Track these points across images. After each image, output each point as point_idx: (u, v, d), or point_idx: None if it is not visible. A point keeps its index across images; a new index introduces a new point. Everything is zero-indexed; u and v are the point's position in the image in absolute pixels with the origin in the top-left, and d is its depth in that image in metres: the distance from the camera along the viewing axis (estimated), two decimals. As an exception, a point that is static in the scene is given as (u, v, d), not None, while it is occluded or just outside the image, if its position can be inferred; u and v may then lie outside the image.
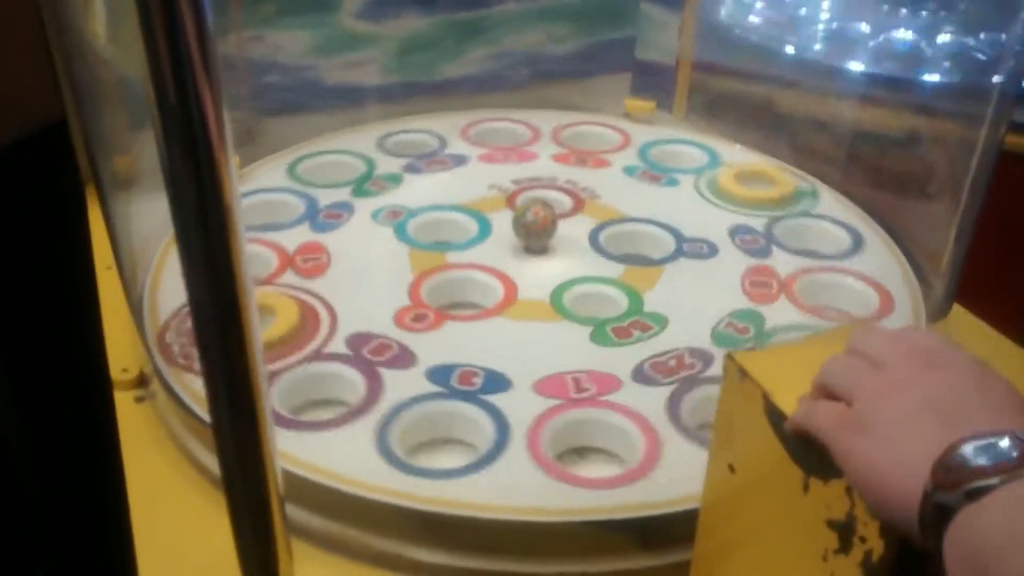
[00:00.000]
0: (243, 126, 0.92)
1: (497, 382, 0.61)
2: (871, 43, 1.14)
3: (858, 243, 0.79)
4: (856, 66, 1.08)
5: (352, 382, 0.61)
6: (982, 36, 0.93)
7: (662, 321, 0.68)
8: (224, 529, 0.40)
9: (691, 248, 0.78)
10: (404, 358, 0.63)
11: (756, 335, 0.66)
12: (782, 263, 0.76)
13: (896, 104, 0.94)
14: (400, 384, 0.60)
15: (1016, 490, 0.30)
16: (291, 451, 0.54)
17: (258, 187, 0.86)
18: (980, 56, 0.80)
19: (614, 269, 0.74)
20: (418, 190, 0.86)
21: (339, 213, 0.82)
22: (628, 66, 1.07)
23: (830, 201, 0.86)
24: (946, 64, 1.06)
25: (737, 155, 0.96)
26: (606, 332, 0.67)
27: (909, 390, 0.36)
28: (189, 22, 0.30)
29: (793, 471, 0.39)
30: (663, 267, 0.75)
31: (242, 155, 0.90)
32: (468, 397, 0.59)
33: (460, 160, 0.93)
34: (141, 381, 0.65)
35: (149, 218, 0.71)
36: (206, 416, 0.38)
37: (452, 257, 0.76)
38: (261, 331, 0.37)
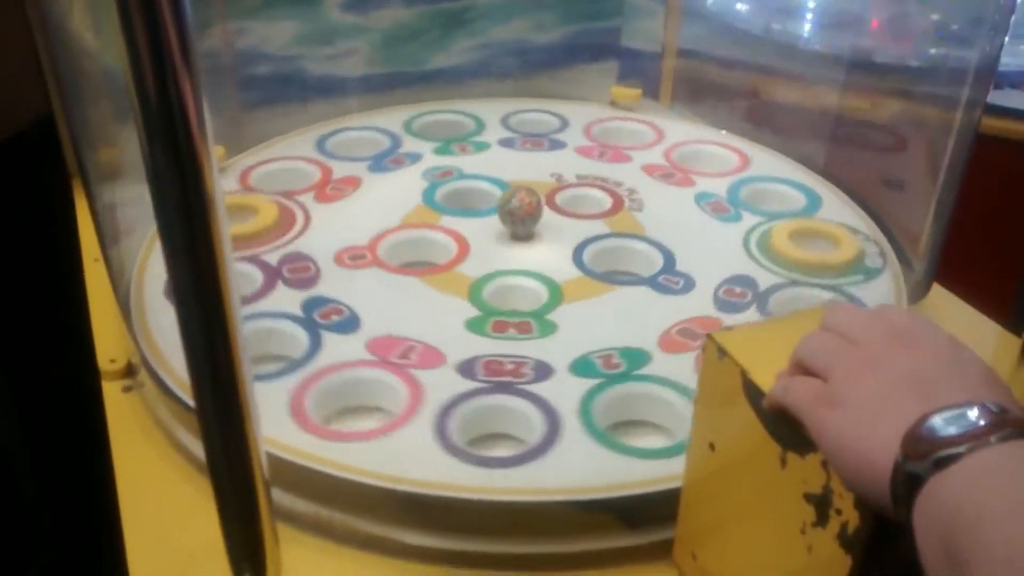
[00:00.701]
0: (229, 117, 0.92)
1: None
2: (856, 29, 1.15)
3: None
4: (841, 52, 1.09)
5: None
6: (960, 21, 0.93)
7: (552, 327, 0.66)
8: (212, 515, 0.41)
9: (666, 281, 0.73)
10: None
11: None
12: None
13: (877, 88, 0.94)
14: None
15: (982, 458, 0.31)
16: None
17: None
18: (959, 39, 0.81)
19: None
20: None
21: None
22: (614, 54, 1.07)
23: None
24: (930, 49, 1.06)
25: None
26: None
27: (883, 366, 0.36)
28: (168, 14, 0.30)
29: (771, 447, 0.40)
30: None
31: (228, 146, 0.90)
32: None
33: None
34: (129, 371, 0.65)
35: (134, 210, 0.72)
36: (193, 404, 0.39)
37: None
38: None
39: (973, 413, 0.32)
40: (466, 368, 0.61)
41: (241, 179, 0.86)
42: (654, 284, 0.71)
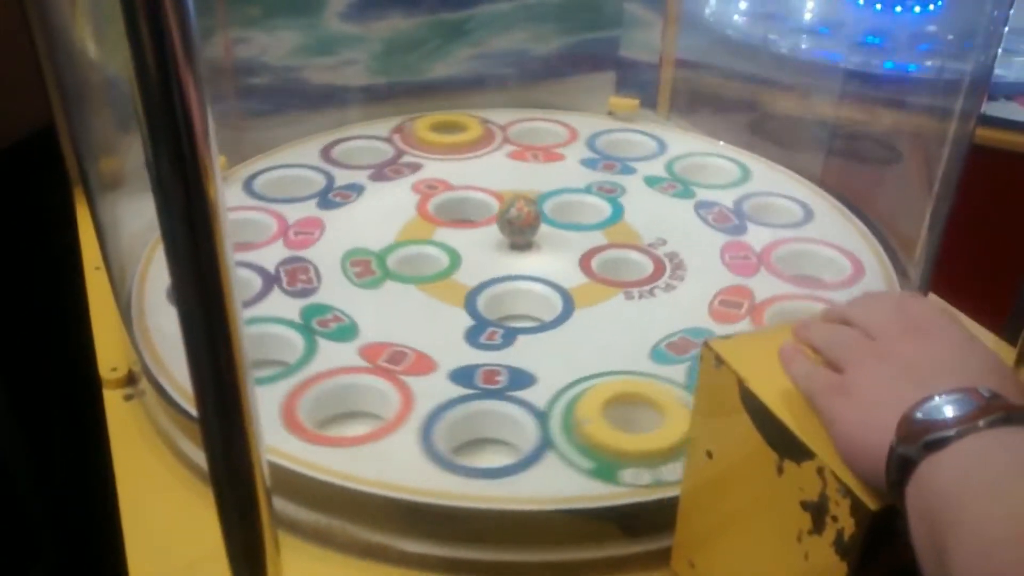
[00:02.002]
0: (229, 127, 0.93)
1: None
2: (851, 40, 1.16)
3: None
4: (838, 62, 1.10)
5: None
6: (954, 32, 0.94)
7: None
8: (213, 524, 0.41)
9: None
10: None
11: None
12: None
13: (874, 99, 0.95)
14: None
15: (969, 443, 0.32)
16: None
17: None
18: (954, 51, 0.81)
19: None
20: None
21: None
22: (612, 65, 1.07)
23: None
24: (927, 61, 1.07)
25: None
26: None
27: (893, 357, 0.38)
28: (173, 21, 0.30)
29: (768, 455, 0.40)
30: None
31: (229, 155, 0.90)
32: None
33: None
34: (130, 379, 0.65)
35: (136, 218, 0.72)
36: (194, 412, 0.39)
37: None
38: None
39: (965, 398, 0.33)
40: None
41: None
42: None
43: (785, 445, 0.39)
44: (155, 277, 0.72)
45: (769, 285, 0.73)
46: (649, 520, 0.52)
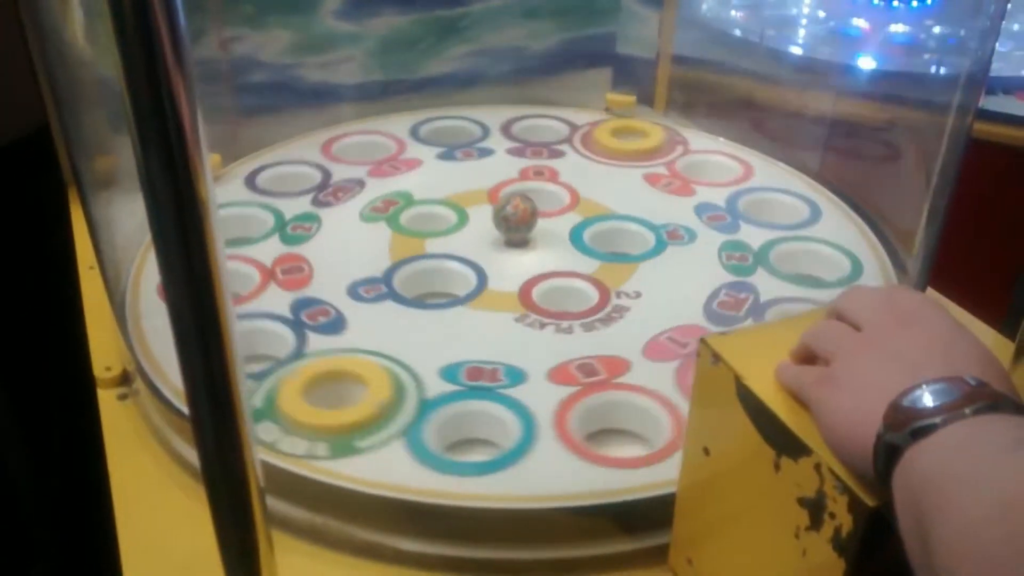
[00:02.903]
0: (224, 125, 0.92)
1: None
2: (848, 36, 1.16)
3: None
4: (834, 58, 1.09)
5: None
6: (951, 27, 0.94)
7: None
8: (207, 523, 0.41)
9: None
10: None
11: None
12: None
13: (871, 94, 0.95)
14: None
15: (954, 430, 0.32)
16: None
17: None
18: (952, 46, 0.81)
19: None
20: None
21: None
22: (609, 61, 1.07)
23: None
24: (925, 55, 1.07)
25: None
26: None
27: (881, 346, 0.38)
28: (162, 20, 0.30)
29: (765, 451, 0.40)
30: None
31: (224, 154, 0.90)
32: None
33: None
34: (124, 379, 0.65)
35: (130, 218, 0.72)
36: (187, 411, 0.39)
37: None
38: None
39: (951, 387, 0.33)
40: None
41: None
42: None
43: (782, 442, 0.39)
44: (149, 277, 0.72)
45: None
46: (646, 517, 0.52)
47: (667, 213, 0.82)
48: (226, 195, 0.83)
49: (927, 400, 0.33)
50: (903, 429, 0.33)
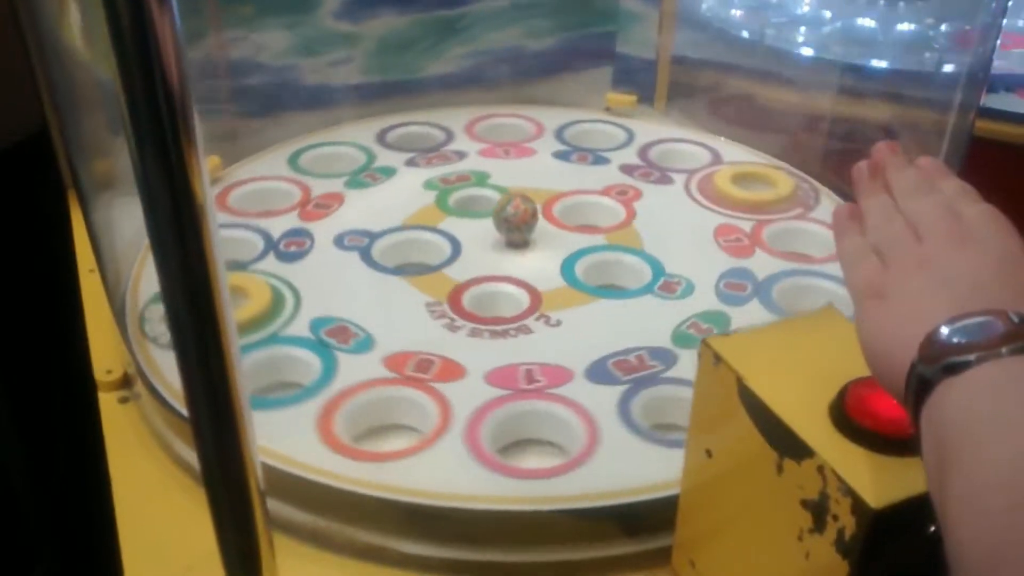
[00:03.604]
0: (223, 127, 0.92)
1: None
2: (848, 33, 1.15)
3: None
4: (834, 57, 1.09)
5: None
6: (952, 24, 0.94)
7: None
8: (208, 526, 0.40)
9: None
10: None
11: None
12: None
13: (872, 93, 0.94)
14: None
15: (987, 370, 0.30)
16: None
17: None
18: (951, 44, 0.81)
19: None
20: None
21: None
22: (609, 60, 1.07)
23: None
24: (926, 53, 1.07)
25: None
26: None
27: (935, 266, 0.36)
28: (157, 21, 0.30)
29: (768, 453, 0.40)
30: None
31: (224, 155, 0.90)
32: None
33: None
34: (125, 382, 0.65)
35: (129, 221, 0.72)
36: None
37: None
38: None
39: (991, 322, 0.32)
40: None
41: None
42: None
43: (785, 443, 0.39)
44: (149, 279, 0.72)
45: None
46: (649, 519, 0.51)
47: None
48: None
49: (964, 335, 0.32)
50: (936, 363, 0.32)
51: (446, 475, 0.53)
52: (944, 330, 0.32)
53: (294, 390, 0.61)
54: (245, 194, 0.85)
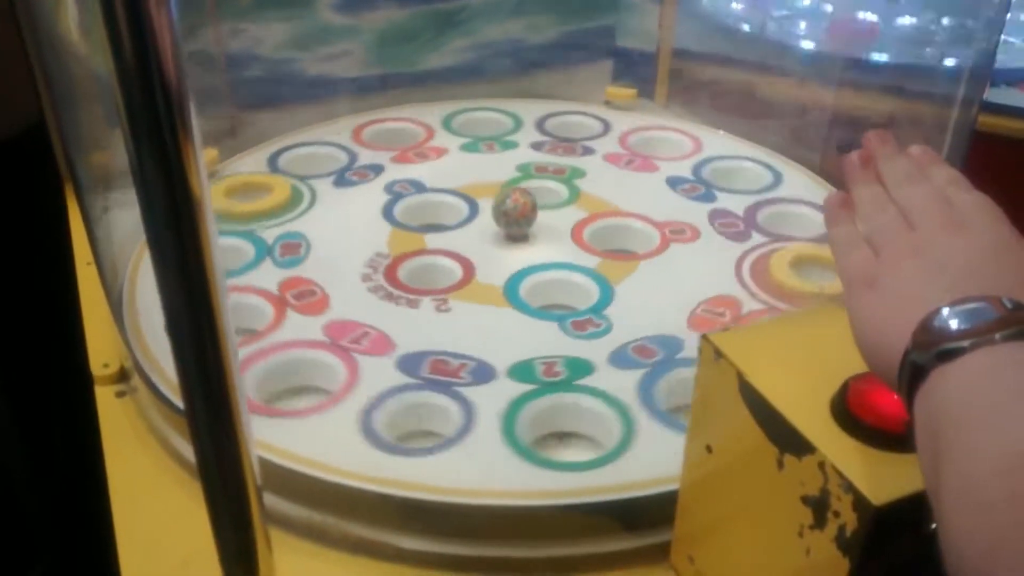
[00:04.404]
0: (221, 120, 0.92)
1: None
2: (850, 27, 1.15)
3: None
4: (837, 50, 1.08)
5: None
6: (955, 18, 0.93)
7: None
8: (205, 520, 0.40)
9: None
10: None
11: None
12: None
13: (874, 86, 0.94)
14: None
15: (981, 357, 0.30)
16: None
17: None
18: (954, 38, 0.81)
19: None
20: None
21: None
22: (609, 54, 1.06)
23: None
24: (926, 47, 1.06)
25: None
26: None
27: (928, 253, 0.36)
28: (154, 14, 0.30)
29: (768, 449, 0.40)
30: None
31: (223, 149, 0.89)
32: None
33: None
34: (122, 376, 0.65)
35: (127, 214, 0.71)
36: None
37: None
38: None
39: (985, 308, 0.31)
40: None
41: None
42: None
43: (786, 439, 0.39)
44: (147, 273, 0.71)
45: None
46: (648, 515, 0.51)
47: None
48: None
49: (957, 321, 0.31)
50: (930, 350, 0.31)
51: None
52: (937, 317, 0.32)
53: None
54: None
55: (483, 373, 0.60)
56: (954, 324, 0.31)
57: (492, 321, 0.66)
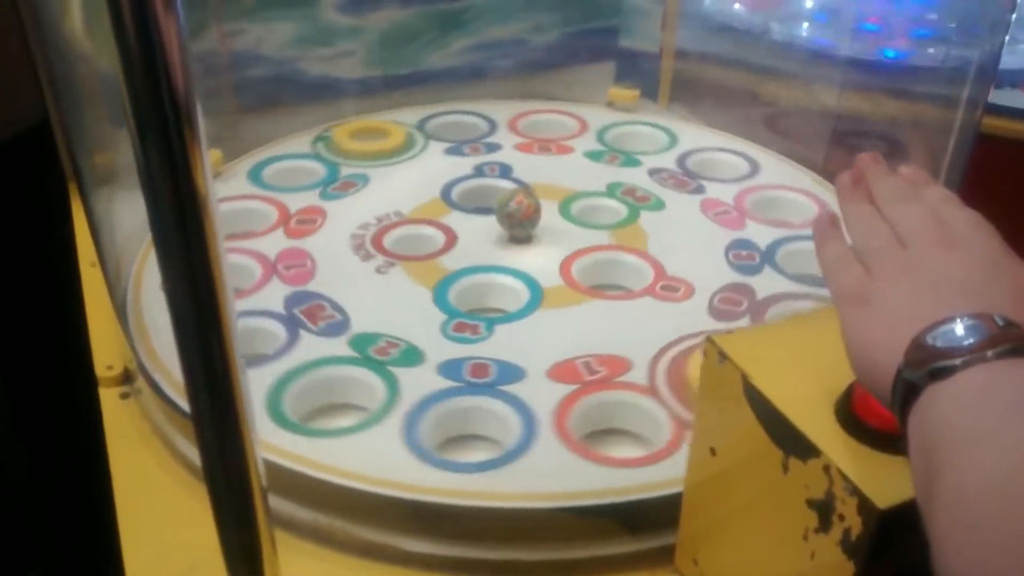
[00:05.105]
0: (225, 120, 0.92)
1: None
2: (854, 28, 1.15)
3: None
4: (839, 51, 1.08)
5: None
6: (960, 20, 0.93)
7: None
8: (210, 523, 0.40)
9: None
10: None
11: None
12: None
13: (878, 88, 0.94)
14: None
15: (973, 375, 0.30)
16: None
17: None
18: (958, 39, 0.80)
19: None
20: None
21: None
22: (612, 55, 1.06)
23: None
24: (931, 48, 1.06)
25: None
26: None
27: (920, 270, 0.36)
28: (160, 14, 0.30)
29: (773, 452, 0.40)
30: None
31: (225, 149, 0.89)
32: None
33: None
34: (126, 377, 0.65)
35: (131, 215, 0.71)
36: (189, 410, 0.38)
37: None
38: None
39: (977, 326, 0.32)
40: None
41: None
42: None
43: (791, 442, 0.39)
44: (151, 274, 0.71)
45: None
46: (652, 518, 0.51)
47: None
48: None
49: (949, 339, 0.32)
50: (923, 368, 0.31)
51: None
52: (930, 334, 0.32)
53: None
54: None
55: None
56: (946, 342, 0.32)
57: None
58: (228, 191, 0.83)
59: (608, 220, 0.80)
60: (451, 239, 0.77)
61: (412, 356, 0.62)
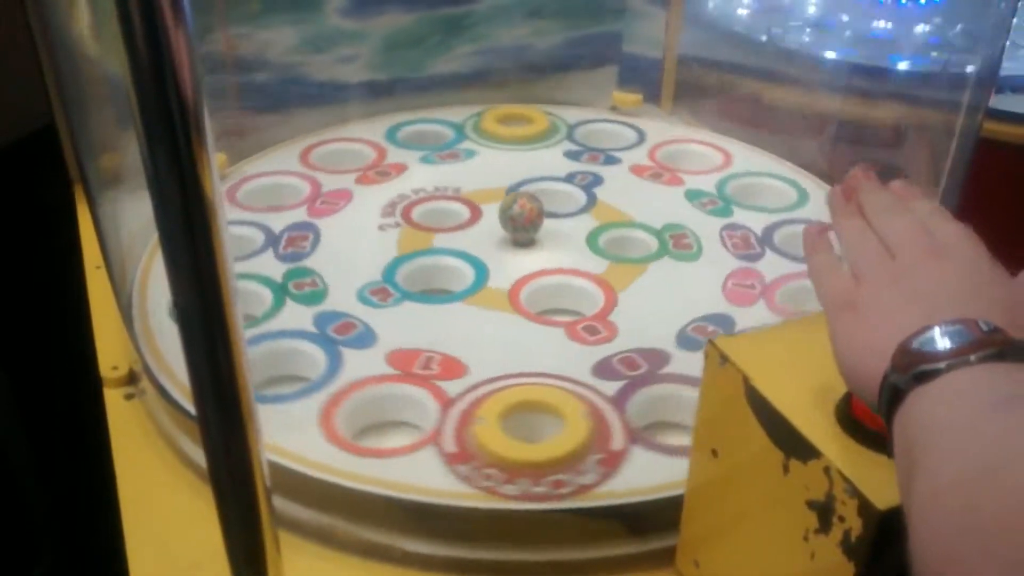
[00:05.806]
0: (230, 124, 0.92)
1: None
2: (856, 34, 1.15)
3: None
4: (842, 57, 1.09)
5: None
6: (961, 25, 0.93)
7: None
8: (214, 523, 0.40)
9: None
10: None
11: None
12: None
13: (879, 93, 0.94)
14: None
15: (956, 378, 0.31)
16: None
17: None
18: (959, 45, 0.81)
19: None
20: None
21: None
22: (615, 59, 1.07)
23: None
24: (933, 53, 1.06)
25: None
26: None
27: (908, 279, 0.37)
28: (169, 18, 0.30)
29: (774, 454, 0.40)
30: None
31: (231, 152, 0.90)
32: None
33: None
34: (131, 378, 0.65)
35: (137, 217, 0.72)
36: (194, 412, 0.38)
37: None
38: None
39: (962, 331, 0.32)
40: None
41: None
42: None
43: (791, 444, 0.39)
44: (156, 276, 0.72)
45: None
46: (653, 519, 0.51)
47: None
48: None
49: (935, 344, 0.32)
50: (908, 372, 0.32)
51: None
52: (916, 339, 0.33)
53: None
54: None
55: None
56: (931, 347, 0.32)
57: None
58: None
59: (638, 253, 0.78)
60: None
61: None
